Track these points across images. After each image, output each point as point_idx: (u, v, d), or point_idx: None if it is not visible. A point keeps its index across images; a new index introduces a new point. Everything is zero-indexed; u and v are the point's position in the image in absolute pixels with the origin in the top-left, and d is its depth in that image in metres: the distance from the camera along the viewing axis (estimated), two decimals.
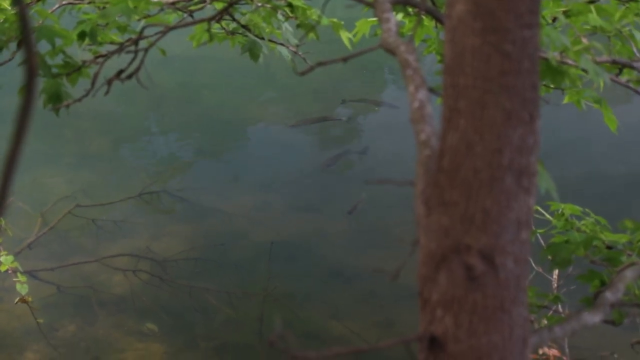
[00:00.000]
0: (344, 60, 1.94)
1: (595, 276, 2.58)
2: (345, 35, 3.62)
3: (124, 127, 8.57)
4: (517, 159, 1.47)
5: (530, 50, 1.47)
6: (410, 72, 1.69)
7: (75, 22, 3.16)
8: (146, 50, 3.01)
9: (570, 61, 2.43)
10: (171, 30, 2.95)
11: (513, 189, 1.47)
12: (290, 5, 3.48)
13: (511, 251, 1.48)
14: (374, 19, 3.27)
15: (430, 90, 1.71)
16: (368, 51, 1.92)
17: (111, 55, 3.15)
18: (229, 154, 8.19)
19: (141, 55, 3.01)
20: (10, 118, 1.16)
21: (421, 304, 1.53)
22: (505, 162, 1.46)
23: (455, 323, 1.48)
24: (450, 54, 1.50)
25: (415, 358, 1.58)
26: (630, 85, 2.78)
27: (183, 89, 9.25)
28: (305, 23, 3.49)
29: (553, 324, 1.93)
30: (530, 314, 2.48)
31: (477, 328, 1.47)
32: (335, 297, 5.98)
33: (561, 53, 2.40)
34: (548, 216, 2.91)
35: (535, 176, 1.50)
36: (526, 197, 1.48)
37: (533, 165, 1.49)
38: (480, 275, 1.46)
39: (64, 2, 3.37)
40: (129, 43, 3.09)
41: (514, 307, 1.49)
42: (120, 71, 2.95)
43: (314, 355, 1.46)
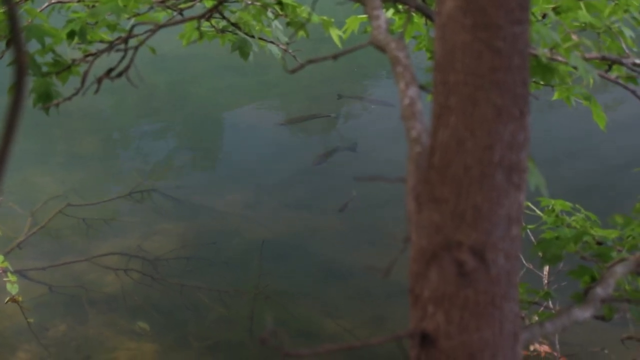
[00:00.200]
0: (334, 58, 1.93)
1: (585, 272, 2.59)
2: (335, 33, 3.62)
3: (115, 126, 8.56)
4: (508, 156, 1.47)
5: (520, 46, 1.47)
6: (400, 69, 1.69)
7: (65, 21, 3.15)
8: (136, 49, 3.01)
9: (560, 58, 2.44)
10: (161, 28, 2.94)
11: (504, 186, 1.47)
12: (280, 3, 3.48)
13: (502, 247, 1.48)
14: (364, 16, 3.27)
15: (421, 87, 1.71)
16: (358, 48, 1.91)
17: (101, 54, 3.14)
18: (220, 152, 8.19)
19: (131, 54, 3.00)
20: (0, 117, 1.15)
21: (412, 301, 1.53)
22: (495, 159, 1.46)
23: (447, 319, 1.48)
24: (441, 51, 1.50)
25: (407, 354, 1.58)
26: (620, 81, 2.79)
27: (173, 87, 9.24)
28: (295, 21, 3.49)
29: (544, 319, 1.93)
30: (521, 310, 2.49)
31: (469, 324, 1.47)
32: (327, 295, 5.98)
33: (551, 50, 2.41)
34: (538, 212, 2.92)
35: (526, 172, 1.50)
36: (517, 194, 1.49)
37: (523, 161, 1.49)
38: (471, 272, 1.47)
39: (53, 1, 3.36)
40: (118, 41, 3.08)
41: (505, 303, 1.49)
42: (110, 70, 2.94)
43: (306, 352, 1.46)
